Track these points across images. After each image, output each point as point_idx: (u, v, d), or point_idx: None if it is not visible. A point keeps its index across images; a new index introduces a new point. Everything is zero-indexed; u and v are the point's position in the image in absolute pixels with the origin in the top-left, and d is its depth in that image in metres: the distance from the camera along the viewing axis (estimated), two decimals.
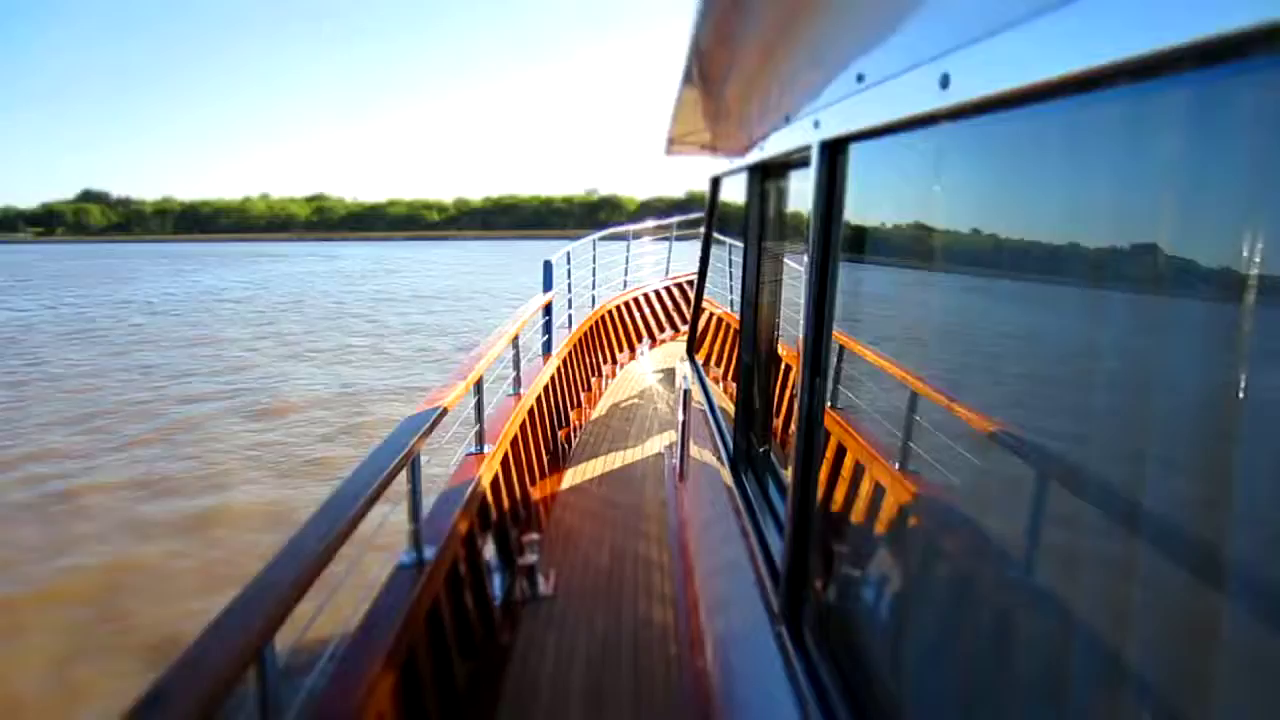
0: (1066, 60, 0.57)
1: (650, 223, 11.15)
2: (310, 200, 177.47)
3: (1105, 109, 0.58)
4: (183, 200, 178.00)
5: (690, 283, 9.25)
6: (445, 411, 2.98)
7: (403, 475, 2.52)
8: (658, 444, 6.15)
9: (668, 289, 10.52)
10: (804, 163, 1.47)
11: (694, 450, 3.69)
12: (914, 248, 1.03)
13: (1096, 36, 0.53)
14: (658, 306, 10.20)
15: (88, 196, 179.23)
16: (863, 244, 1.22)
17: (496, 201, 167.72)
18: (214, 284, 38.03)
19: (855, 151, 1.21)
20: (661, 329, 10.05)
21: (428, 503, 2.97)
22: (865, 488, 1.25)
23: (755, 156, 2.19)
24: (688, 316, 9.08)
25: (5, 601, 6.15)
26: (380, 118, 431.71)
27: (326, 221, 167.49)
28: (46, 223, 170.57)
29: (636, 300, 9.79)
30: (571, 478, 5.50)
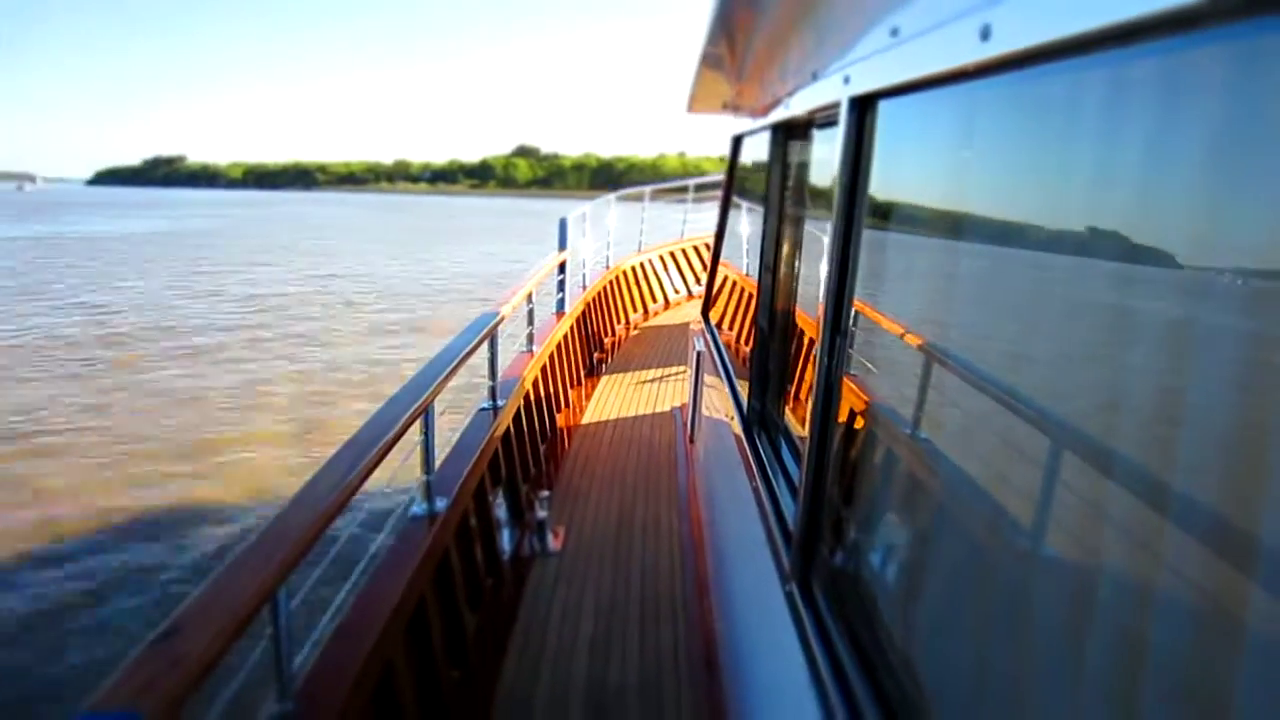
0: (1118, 8, 0.54)
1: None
2: (724, 159, 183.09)
3: (1159, 61, 0.54)
4: (601, 156, 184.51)
5: (706, 245, 9.17)
6: (459, 365, 2.99)
7: (416, 427, 2.54)
8: (669, 404, 6.17)
9: (683, 250, 10.44)
10: (830, 121, 1.43)
11: (705, 411, 3.69)
12: (946, 211, 1.00)
13: None
14: (673, 268, 10.14)
15: (522, 151, 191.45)
16: (891, 206, 1.19)
17: None
18: None
19: (886, 109, 1.17)
20: (676, 290, 10.01)
21: (440, 456, 2.99)
22: (880, 454, 1.24)
23: (779, 115, 2.13)
24: (702, 279, 9.04)
25: None
26: None
27: None
28: (481, 176, 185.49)
29: (651, 261, 9.73)
30: (583, 435, 5.53)
